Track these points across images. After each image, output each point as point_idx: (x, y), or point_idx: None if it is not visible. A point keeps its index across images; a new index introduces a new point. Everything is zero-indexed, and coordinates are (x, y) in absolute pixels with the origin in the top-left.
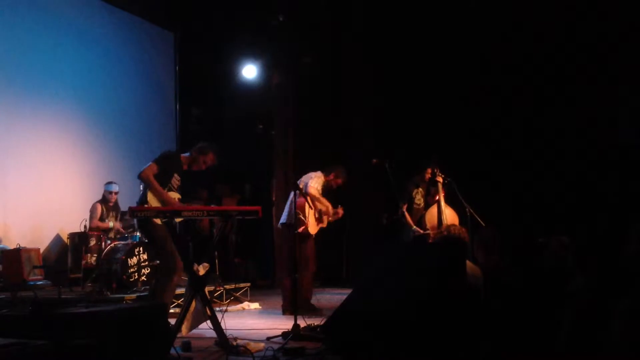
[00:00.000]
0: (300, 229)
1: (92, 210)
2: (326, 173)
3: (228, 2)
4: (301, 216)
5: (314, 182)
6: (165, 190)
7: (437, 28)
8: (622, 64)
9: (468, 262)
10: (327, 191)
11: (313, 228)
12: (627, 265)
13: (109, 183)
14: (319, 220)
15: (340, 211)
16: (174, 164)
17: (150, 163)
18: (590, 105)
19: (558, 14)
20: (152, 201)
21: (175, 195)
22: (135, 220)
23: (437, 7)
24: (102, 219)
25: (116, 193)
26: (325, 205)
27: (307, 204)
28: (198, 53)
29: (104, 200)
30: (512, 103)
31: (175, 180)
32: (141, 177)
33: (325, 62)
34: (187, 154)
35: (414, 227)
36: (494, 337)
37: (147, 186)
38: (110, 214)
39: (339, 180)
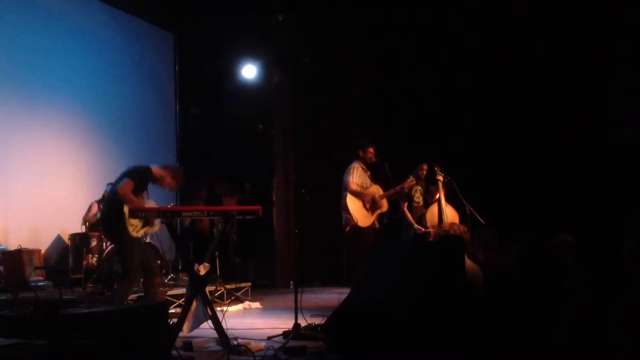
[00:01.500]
0: (347, 229)
1: (89, 209)
2: (356, 157)
3: (227, 2)
4: (347, 215)
5: (351, 176)
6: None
7: (436, 26)
8: (623, 63)
9: (468, 261)
10: (372, 168)
11: (365, 220)
12: (624, 263)
13: (110, 185)
14: (372, 208)
15: (406, 185)
16: (147, 180)
17: (126, 179)
18: (591, 104)
19: (558, 12)
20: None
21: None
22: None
23: (437, 5)
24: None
25: None
26: (371, 194)
27: (349, 201)
28: (197, 53)
29: (103, 201)
30: (512, 102)
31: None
32: (119, 193)
33: (325, 61)
34: (157, 167)
35: (416, 225)
36: (494, 336)
37: (125, 202)
38: None
39: (370, 149)
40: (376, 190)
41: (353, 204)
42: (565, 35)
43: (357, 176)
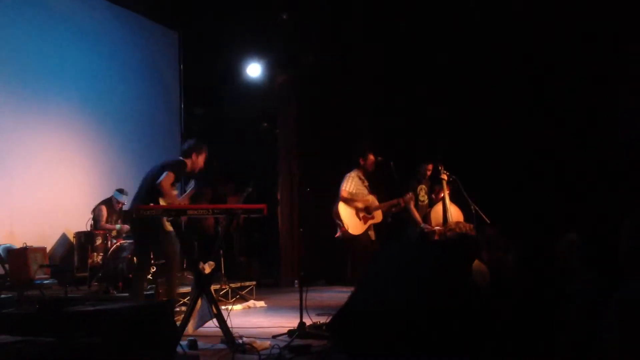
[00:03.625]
0: (337, 235)
1: (98, 213)
2: (356, 165)
3: (232, 0)
4: (337, 221)
5: (345, 183)
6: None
7: (440, 26)
8: (623, 63)
9: (476, 260)
10: (371, 178)
11: (356, 229)
12: (621, 262)
13: (121, 192)
14: (365, 217)
15: (403, 201)
16: (182, 172)
17: (167, 172)
18: (594, 104)
19: (562, 11)
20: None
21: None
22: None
23: (440, 5)
24: (107, 222)
25: (124, 204)
26: (363, 201)
27: (340, 208)
28: (202, 52)
29: (109, 204)
30: (517, 101)
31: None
32: (162, 185)
33: (329, 60)
34: (187, 159)
35: (423, 224)
36: (499, 336)
37: (164, 194)
38: (113, 217)
39: (370, 158)
40: (372, 200)
41: (345, 211)
42: (567, 34)
43: (351, 185)
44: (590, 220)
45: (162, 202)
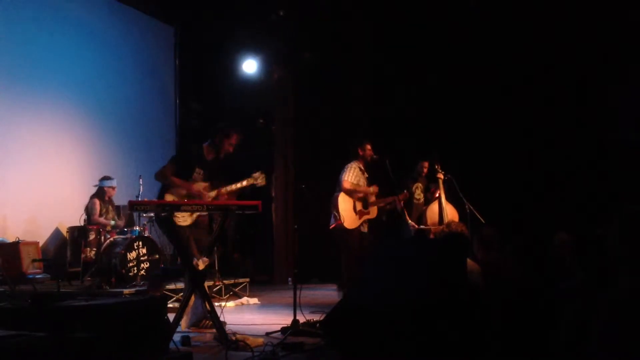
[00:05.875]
0: (331, 226)
1: (91, 207)
2: (355, 157)
3: None
4: (334, 212)
5: (346, 174)
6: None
7: (438, 25)
8: (624, 63)
9: (468, 260)
10: (372, 169)
11: (351, 222)
12: (610, 260)
13: (107, 178)
14: (361, 212)
15: (401, 197)
16: (192, 158)
17: (166, 164)
18: (592, 103)
19: (561, 11)
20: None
21: (202, 185)
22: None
23: (439, 3)
24: (100, 215)
25: (114, 188)
26: (365, 190)
27: (340, 199)
28: (198, 47)
29: (100, 196)
30: (514, 100)
31: (198, 175)
32: (157, 177)
33: (325, 56)
34: (207, 143)
35: (410, 222)
36: (493, 335)
37: (167, 185)
38: (106, 208)
39: (367, 147)
40: (373, 190)
41: (343, 204)
42: (567, 34)
43: (352, 175)
44: (588, 220)
45: (167, 195)
